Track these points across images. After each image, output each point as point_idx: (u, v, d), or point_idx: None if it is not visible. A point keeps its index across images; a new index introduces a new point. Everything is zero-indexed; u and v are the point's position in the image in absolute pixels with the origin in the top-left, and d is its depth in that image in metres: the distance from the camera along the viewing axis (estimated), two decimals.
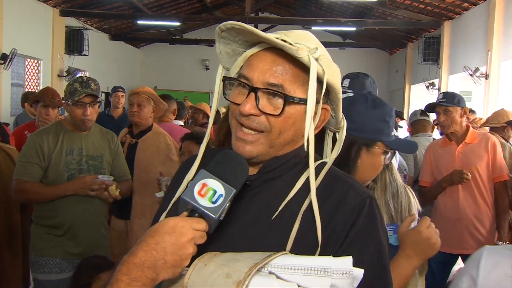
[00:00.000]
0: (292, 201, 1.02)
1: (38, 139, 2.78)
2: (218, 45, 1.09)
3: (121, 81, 15.87)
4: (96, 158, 2.95)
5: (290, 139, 1.05)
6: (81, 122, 2.84)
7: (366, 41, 16.64)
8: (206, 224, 0.91)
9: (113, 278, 0.85)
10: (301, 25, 12.84)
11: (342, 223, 0.98)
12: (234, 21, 1.01)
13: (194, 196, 0.91)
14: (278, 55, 1.00)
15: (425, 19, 11.81)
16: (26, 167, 2.75)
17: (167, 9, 14.65)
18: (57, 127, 2.91)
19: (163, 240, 0.86)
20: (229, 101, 1.06)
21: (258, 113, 1.00)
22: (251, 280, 0.84)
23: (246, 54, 1.05)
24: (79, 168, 2.86)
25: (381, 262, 1.00)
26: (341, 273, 0.87)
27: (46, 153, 2.77)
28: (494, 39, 8.85)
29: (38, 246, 2.87)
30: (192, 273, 0.91)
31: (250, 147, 1.02)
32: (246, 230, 1.01)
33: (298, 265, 0.87)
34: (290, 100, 0.99)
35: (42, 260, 2.84)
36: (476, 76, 9.29)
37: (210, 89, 16.99)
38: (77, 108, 2.80)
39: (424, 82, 12.58)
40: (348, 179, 1.08)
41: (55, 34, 11.41)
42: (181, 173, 1.20)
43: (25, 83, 10.81)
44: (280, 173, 1.07)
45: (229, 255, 0.94)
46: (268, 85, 0.99)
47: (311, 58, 0.97)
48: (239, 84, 1.04)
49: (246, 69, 1.03)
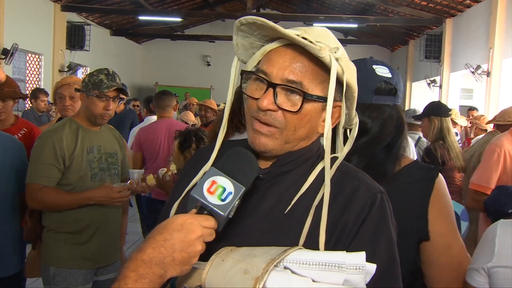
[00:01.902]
0: (305, 195, 1.02)
1: (56, 139, 2.51)
2: (235, 38, 1.08)
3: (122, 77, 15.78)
4: (113, 156, 2.80)
5: (305, 135, 1.05)
6: (100, 117, 2.63)
7: (367, 38, 16.63)
8: (215, 221, 0.91)
9: (120, 275, 0.84)
10: (303, 22, 12.84)
11: (353, 218, 0.99)
12: (252, 16, 1.00)
13: (203, 193, 0.91)
14: (297, 52, 1.00)
15: (427, 16, 11.80)
16: (42, 170, 2.48)
17: (168, 5, 14.64)
18: (71, 123, 2.64)
19: (171, 237, 0.86)
20: (246, 95, 1.06)
21: (275, 108, 1.00)
22: (268, 276, 0.85)
23: (265, 48, 1.05)
24: (100, 167, 2.68)
25: (392, 257, 1.01)
26: (354, 268, 0.88)
27: (67, 153, 2.52)
28: (496, 36, 8.85)
29: (58, 256, 2.57)
30: (209, 268, 0.91)
31: (265, 139, 1.02)
32: (259, 224, 1.02)
33: (312, 260, 0.88)
34: (309, 97, 1.00)
35: (66, 272, 2.55)
36: (477, 73, 9.29)
37: (211, 85, 16.98)
38: (100, 100, 2.58)
39: (425, 79, 12.58)
40: (359, 174, 1.08)
41: (56, 29, 11.42)
42: (191, 164, 1.20)
43: (26, 78, 10.81)
44: (293, 167, 1.07)
45: (245, 250, 0.94)
46: (287, 81, 0.99)
47: (332, 58, 0.97)
48: (257, 78, 1.04)
49: (265, 64, 1.03)
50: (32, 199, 2.50)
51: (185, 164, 1.28)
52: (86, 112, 2.64)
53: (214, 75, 17.11)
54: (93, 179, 2.63)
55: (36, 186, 2.47)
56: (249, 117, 1.05)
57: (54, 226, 2.60)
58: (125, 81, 7.82)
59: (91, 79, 2.60)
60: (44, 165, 2.48)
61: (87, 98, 2.60)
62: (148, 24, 15.36)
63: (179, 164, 3.14)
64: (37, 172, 2.48)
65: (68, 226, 2.58)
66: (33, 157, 2.53)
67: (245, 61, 1.12)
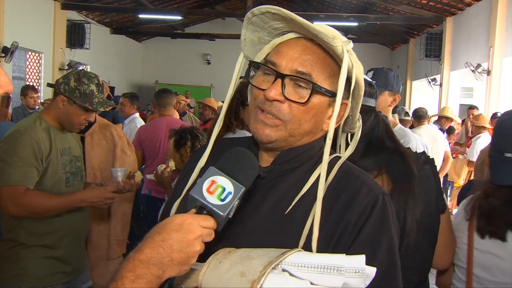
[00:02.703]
0: (306, 196, 1.01)
1: (34, 137, 2.22)
2: (244, 32, 1.07)
3: (122, 75, 15.88)
4: (78, 159, 2.54)
5: (310, 130, 1.04)
6: (78, 127, 2.41)
7: (368, 37, 16.59)
8: (214, 221, 0.90)
9: (118, 275, 0.83)
10: None
11: (355, 219, 0.98)
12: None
13: (203, 193, 0.90)
14: (308, 44, 1.00)
15: (427, 14, 11.77)
16: (24, 170, 2.15)
17: (168, 3, 14.61)
18: (41, 122, 2.33)
19: (170, 237, 0.85)
20: (253, 86, 1.05)
21: (283, 99, 0.99)
22: (265, 279, 0.84)
23: (275, 41, 1.04)
24: (71, 171, 2.43)
25: (392, 260, 1.00)
26: (353, 272, 0.87)
27: (44, 154, 2.24)
28: (497, 35, 8.83)
29: (35, 274, 2.25)
30: (206, 270, 0.90)
31: (269, 130, 1.01)
32: (260, 224, 1.01)
33: (311, 263, 0.87)
34: (317, 89, 0.99)
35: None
36: (478, 72, 9.28)
37: (211, 83, 16.96)
38: (83, 112, 2.36)
39: (426, 78, 12.56)
40: (361, 175, 1.07)
41: (56, 27, 11.40)
42: (192, 163, 1.20)
43: (26, 76, 10.80)
44: (294, 165, 1.06)
45: (243, 252, 0.93)
46: (296, 72, 0.99)
47: (345, 49, 0.97)
48: (264, 72, 1.03)
49: (275, 56, 1.02)
50: (13, 205, 2.12)
51: (185, 164, 1.28)
52: (61, 117, 2.38)
53: (215, 73, 17.09)
54: (67, 184, 2.39)
55: (18, 189, 2.11)
56: (254, 107, 1.04)
57: (25, 239, 2.24)
58: (125, 80, 7.83)
59: (80, 88, 2.34)
60: (25, 165, 2.16)
61: (69, 104, 2.34)
62: (148, 23, 15.34)
63: (176, 161, 3.16)
64: (17, 172, 2.13)
65: (44, 239, 2.29)
66: (9, 155, 2.15)
67: (251, 58, 1.11)
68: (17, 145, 2.16)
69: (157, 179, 3.13)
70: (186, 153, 3.11)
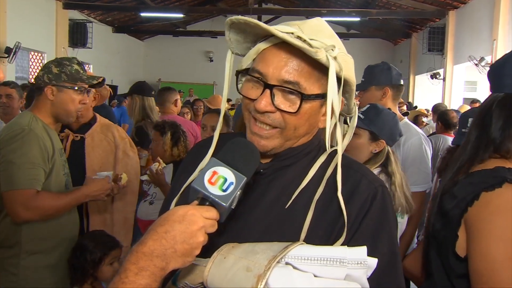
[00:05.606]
0: (306, 189, 1.02)
1: (40, 136, 2.12)
2: (227, 33, 1.06)
3: (125, 74, 15.89)
4: (66, 160, 2.43)
5: (306, 132, 1.06)
6: (75, 113, 2.28)
7: (370, 32, 16.55)
8: (217, 212, 0.90)
9: (121, 268, 0.83)
10: (305, 16, 12.77)
11: (355, 211, 0.99)
12: (240, 15, 0.98)
13: (204, 184, 0.89)
14: (293, 51, 0.98)
15: (429, 8, 11.73)
16: (34, 173, 2.06)
17: (170, 1, 14.60)
18: (37, 121, 2.19)
19: (172, 229, 0.85)
20: (242, 95, 1.05)
21: (273, 110, 0.99)
22: (271, 273, 0.85)
23: (259, 47, 1.02)
24: (66, 172, 2.33)
25: (393, 250, 1.01)
26: (355, 263, 0.88)
27: (50, 154, 2.15)
28: (500, 28, 8.78)
29: (35, 284, 2.15)
30: (212, 266, 0.91)
31: (265, 141, 1.02)
32: (261, 218, 1.02)
33: (314, 256, 0.88)
34: (307, 98, 0.99)
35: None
36: (481, 65, 9.24)
37: (214, 80, 16.97)
38: (77, 94, 2.23)
39: (429, 72, 12.52)
40: (360, 168, 1.09)
41: (58, 27, 11.42)
42: (191, 157, 1.20)
43: (29, 76, 10.83)
44: (293, 161, 1.07)
45: (247, 247, 0.94)
46: (284, 82, 0.98)
47: (330, 58, 0.96)
48: (252, 78, 1.02)
49: (260, 64, 1.01)
50: (25, 209, 2.02)
51: (184, 158, 1.28)
52: (55, 109, 2.24)
53: (217, 70, 17.06)
54: (66, 186, 2.30)
55: (29, 192, 2.02)
56: (247, 113, 1.04)
57: (27, 246, 2.12)
58: (128, 78, 7.85)
59: (65, 70, 2.22)
60: (34, 167, 2.07)
61: (59, 92, 2.21)
62: (150, 21, 15.34)
63: (168, 156, 3.30)
64: (27, 175, 2.03)
65: (39, 244, 2.16)
66: (16, 156, 2.05)
67: (240, 54, 1.10)
68: (24, 145, 2.06)
69: (152, 179, 3.14)
70: (182, 147, 3.33)
